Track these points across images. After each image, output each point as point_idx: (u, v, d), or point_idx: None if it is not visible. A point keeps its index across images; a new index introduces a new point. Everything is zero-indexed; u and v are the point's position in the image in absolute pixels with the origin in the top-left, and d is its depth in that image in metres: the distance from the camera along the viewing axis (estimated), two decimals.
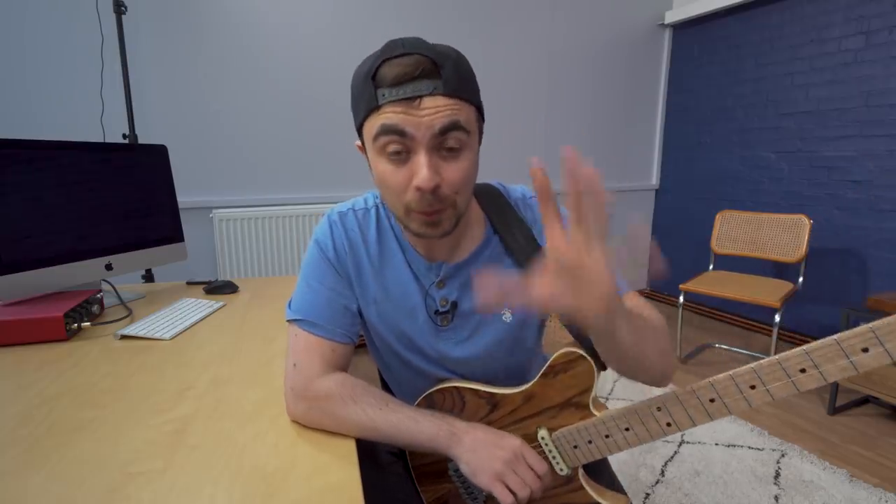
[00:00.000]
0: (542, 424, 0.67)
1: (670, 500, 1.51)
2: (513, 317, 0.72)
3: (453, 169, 0.58)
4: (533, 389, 0.68)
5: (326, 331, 0.68)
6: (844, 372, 0.47)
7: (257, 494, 0.52)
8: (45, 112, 1.93)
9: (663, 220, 3.53)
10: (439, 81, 0.54)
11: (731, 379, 0.52)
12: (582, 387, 0.64)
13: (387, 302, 0.72)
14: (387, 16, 2.48)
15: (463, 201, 0.61)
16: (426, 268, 0.71)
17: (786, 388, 0.50)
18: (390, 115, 0.55)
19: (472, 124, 0.59)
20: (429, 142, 0.55)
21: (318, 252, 0.71)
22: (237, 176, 2.32)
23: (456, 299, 0.71)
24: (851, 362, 0.46)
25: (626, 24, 3.16)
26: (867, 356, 0.45)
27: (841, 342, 0.46)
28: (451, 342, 0.73)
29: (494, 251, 0.72)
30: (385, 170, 0.58)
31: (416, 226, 0.61)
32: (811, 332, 2.68)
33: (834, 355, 0.47)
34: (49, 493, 0.52)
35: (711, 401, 0.54)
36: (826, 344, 0.47)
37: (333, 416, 0.64)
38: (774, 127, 2.77)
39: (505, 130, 2.89)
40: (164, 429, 0.65)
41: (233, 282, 1.38)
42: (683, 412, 0.56)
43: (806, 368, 0.49)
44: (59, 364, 0.86)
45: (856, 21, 2.38)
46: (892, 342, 0.44)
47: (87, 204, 1.19)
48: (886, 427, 1.91)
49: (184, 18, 2.11)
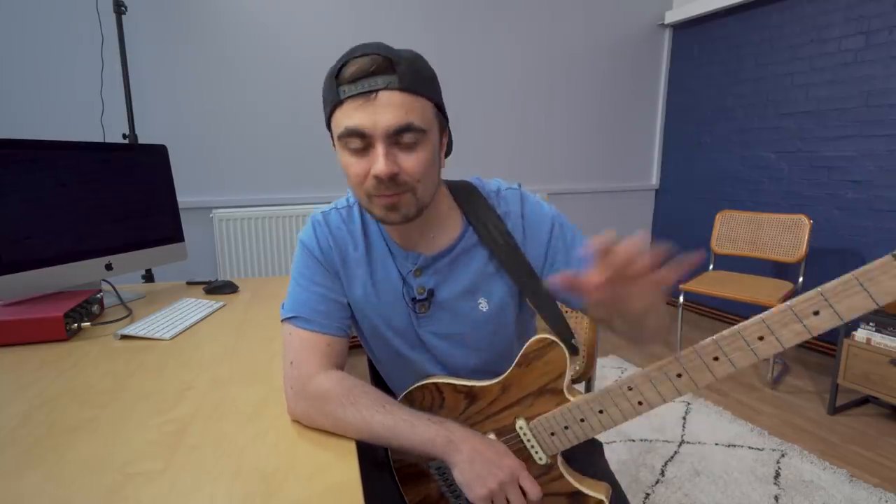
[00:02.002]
0: (520, 414, 0.68)
1: (670, 500, 1.51)
2: (489, 305, 0.74)
3: (411, 160, 0.62)
4: (509, 379, 0.69)
5: (320, 325, 0.70)
6: (799, 336, 0.49)
7: (257, 494, 0.52)
8: (45, 112, 1.93)
9: (663, 220, 3.53)
10: (394, 77, 0.59)
11: (694, 353, 0.55)
12: (555, 373, 0.66)
13: (374, 290, 0.74)
14: (386, 16, 2.48)
15: (424, 190, 0.65)
16: (404, 257, 0.74)
17: (747, 357, 0.52)
18: (350, 112, 0.60)
19: (430, 121, 0.63)
20: (385, 137, 0.60)
21: (305, 252, 0.74)
22: (237, 176, 2.32)
23: (433, 287, 0.74)
24: (805, 325, 0.49)
25: (626, 24, 3.16)
26: (818, 318, 0.48)
27: (793, 307, 0.49)
28: (430, 330, 0.75)
29: (469, 243, 0.74)
30: (348, 162, 0.63)
31: (378, 210, 0.65)
32: None
33: (788, 320, 0.49)
34: (49, 492, 0.52)
35: (678, 376, 0.56)
36: (780, 310, 0.50)
37: (331, 416, 0.64)
38: (774, 127, 2.77)
39: (505, 130, 2.89)
40: (164, 429, 0.65)
41: (233, 282, 1.38)
42: (653, 389, 0.58)
43: (763, 336, 0.51)
44: (59, 364, 0.86)
45: (856, 21, 2.38)
46: (840, 303, 0.47)
47: (87, 204, 1.19)
48: (886, 427, 1.91)
49: (184, 18, 2.11)
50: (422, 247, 0.73)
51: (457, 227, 0.75)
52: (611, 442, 1.82)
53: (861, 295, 0.46)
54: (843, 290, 0.46)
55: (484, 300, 0.74)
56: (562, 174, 3.17)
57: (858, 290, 0.46)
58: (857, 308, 0.46)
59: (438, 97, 0.65)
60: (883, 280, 0.44)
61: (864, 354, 1.90)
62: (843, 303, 0.46)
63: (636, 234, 0.49)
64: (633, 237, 0.48)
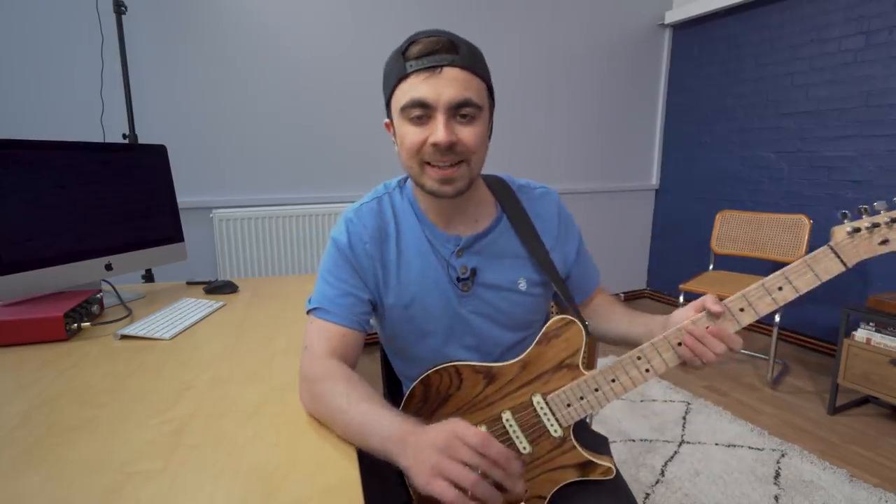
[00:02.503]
0: (537, 390, 0.72)
1: (670, 500, 1.51)
2: (527, 285, 0.80)
3: (468, 132, 0.67)
4: (529, 357, 0.73)
5: (337, 316, 0.74)
6: (769, 307, 0.65)
7: (257, 494, 0.52)
8: (45, 112, 1.93)
9: (663, 220, 3.53)
10: (457, 56, 0.66)
11: (692, 324, 0.67)
12: (573, 349, 0.72)
13: (410, 273, 0.77)
14: (386, 16, 2.48)
15: (476, 162, 0.71)
16: (444, 239, 0.78)
17: (731, 326, 0.66)
18: (415, 84, 0.65)
19: (484, 99, 0.70)
20: (446, 109, 0.65)
21: (334, 249, 0.78)
22: (237, 176, 2.32)
23: (475, 266, 0.78)
24: (772, 298, 0.65)
25: (626, 24, 3.16)
26: (781, 293, 0.64)
27: (764, 284, 0.65)
28: (471, 309, 0.79)
29: (505, 229, 0.80)
30: (408, 131, 0.68)
31: (431, 182, 0.69)
32: (811, 333, 2.68)
33: (762, 294, 0.65)
34: (48, 492, 0.52)
35: (679, 344, 0.67)
36: (754, 287, 0.65)
37: (322, 399, 0.64)
38: (774, 127, 2.77)
39: (505, 130, 2.89)
40: (164, 428, 0.65)
41: (233, 282, 1.38)
42: (658, 356, 0.68)
43: (744, 308, 0.66)
44: (59, 364, 0.86)
45: (856, 21, 2.38)
46: (797, 280, 0.64)
47: (87, 204, 1.19)
48: (886, 427, 1.91)
49: (184, 19, 2.11)
50: (461, 228, 0.78)
51: (492, 212, 0.81)
52: (611, 442, 1.82)
53: (810, 274, 0.64)
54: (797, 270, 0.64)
55: (524, 279, 0.80)
56: (562, 174, 3.17)
57: (808, 270, 0.64)
58: (806, 283, 0.64)
59: (490, 80, 0.72)
60: (823, 262, 0.64)
61: (864, 354, 1.90)
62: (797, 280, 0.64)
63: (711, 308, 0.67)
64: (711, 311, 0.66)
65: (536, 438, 0.71)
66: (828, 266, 0.63)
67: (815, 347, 2.67)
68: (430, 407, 0.74)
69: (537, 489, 0.72)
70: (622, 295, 3.61)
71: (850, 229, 0.63)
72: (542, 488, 0.71)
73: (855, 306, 1.97)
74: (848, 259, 0.63)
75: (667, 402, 2.11)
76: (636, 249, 3.61)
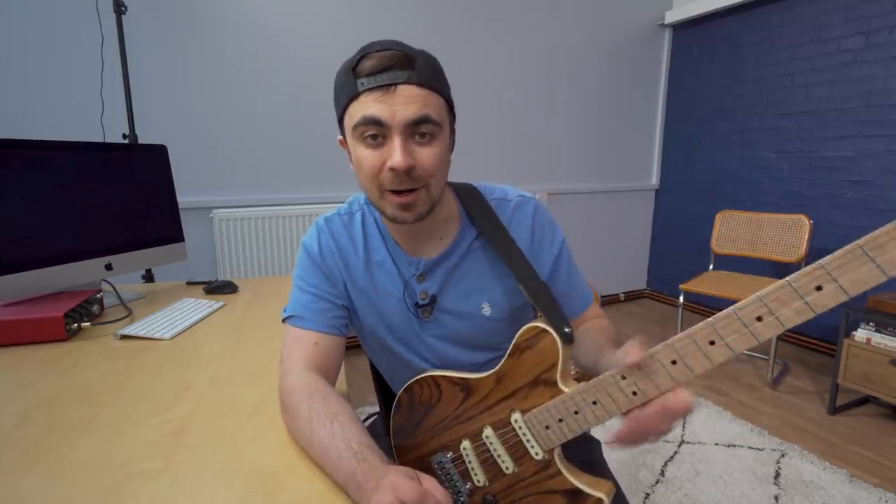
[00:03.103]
0: (516, 407, 0.66)
1: (670, 500, 1.51)
2: (491, 309, 0.75)
3: (426, 153, 0.62)
4: (502, 370, 0.67)
5: (311, 322, 0.71)
6: (801, 315, 0.45)
7: (257, 494, 0.52)
8: (45, 112, 1.93)
9: (663, 220, 3.53)
10: (413, 72, 0.60)
11: (689, 338, 0.51)
12: (548, 363, 0.64)
13: (375, 294, 0.75)
14: (386, 16, 2.48)
15: (436, 186, 0.65)
16: (407, 262, 0.74)
17: (745, 340, 0.48)
18: (368, 103, 0.60)
19: (443, 117, 0.64)
20: (403, 129, 0.60)
21: (305, 255, 0.76)
22: (237, 176, 2.32)
23: (435, 293, 0.74)
24: (807, 303, 0.44)
25: (626, 24, 3.16)
26: (821, 294, 0.44)
27: (793, 283, 0.45)
28: (432, 334, 0.76)
29: (469, 244, 0.75)
30: (363, 154, 0.63)
31: (391, 209, 0.65)
32: (811, 333, 2.68)
33: (788, 298, 0.45)
34: (48, 492, 0.52)
35: (673, 363, 0.53)
36: (779, 287, 0.46)
37: (292, 414, 0.62)
38: (774, 127, 2.77)
39: (505, 130, 2.89)
40: (164, 428, 0.65)
41: (233, 282, 1.38)
42: (647, 378, 0.55)
43: (762, 316, 0.47)
44: (59, 364, 0.86)
45: (856, 21, 2.38)
46: (844, 276, 0.42)
47: (87, 204, 1.19)
48: (886, 427, 1.91)
49: (184, 19, 2.11)
50: (426, 250, 0.74)
51: (455, 229, 0.75)
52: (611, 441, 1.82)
53: (868, 266, 0.41)
54: (848, 262, 0.42)
55: (487, 304, 0.75)
56: (562, 174, 3.17)
57: (865, 260, 0.41)
58: (864, 281, 0.41)
59: (450, 95, 0.67)
60: (892, 248, 0.39)
61: (864, 354, 1.90)
62: (847, 276, 0.42)
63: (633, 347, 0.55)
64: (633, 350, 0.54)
65: (520, 458, 0.66)
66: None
67: (815, 347, 2.67)
68: (416, 417, 0.74)
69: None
70: (622, 295, 3.62)
71: None
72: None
73: (855, 306, 1.97)
74: None
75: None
76: (636, 249, 3.61)
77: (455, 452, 0.71)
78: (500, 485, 0.69)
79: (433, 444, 0.73)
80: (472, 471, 0.70)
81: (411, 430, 0.75)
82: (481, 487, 0.70)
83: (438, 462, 0.73)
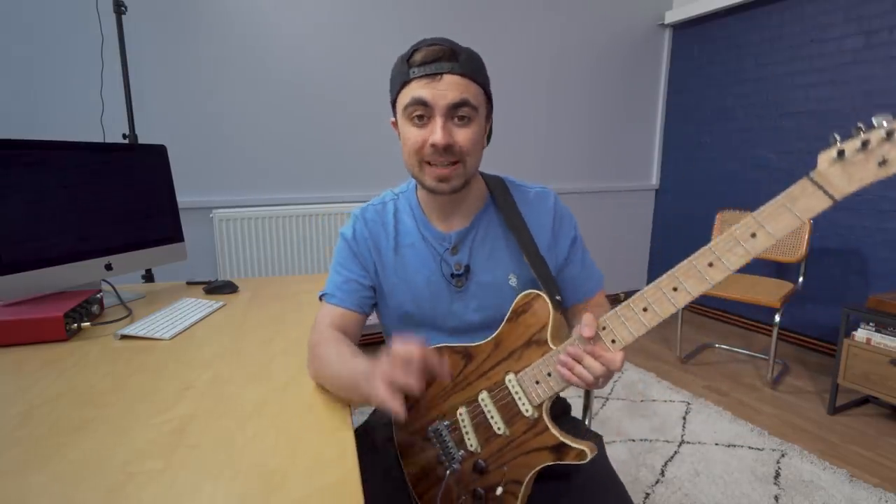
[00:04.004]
0: (511, 368, 0.72)
1: (670, 500, 1.51)
2: (517, 281, 0.82)
3: (463, 133, 0.73)
4: (500, 335, 0.75)
5: (339, 299, 0.83)
6: (742, 259, 0.56)
7: (257, 493, 0.52)
8: (45, 112, 1.93)
9: (663, 220, 3.53)
10: (457, 63, 0.71)
11: (657, 287, 0.62)
12: (540, 324, 0.71)
13: (405, 273, 0.84)
14: (386, 16, 2.48)
15: (471, 163, 0.75)
16: (441, 237, 0.83)
17: (700, 284, 0.59)
18: (417, 88, 0.71)
19: (481, 103, 0.75)
20: (445, 111, 0.71)
21: (342, 241, 0.87)
22: (237, 176, 2.32)
23: (468, 262, 0.83)
24: (745, 248, 0.55)
25: (626, 24, 3.16)
26: (755, 240, 0.55)
27: (733, 233, 0.56)
28: (465, 306, 0.83)
29: (491, 218, 0.85)
30: (409, 132, 0.74)
31: (429, 180, 0.75)
32: (811, 333, 2.68)
33: (731, 245, 0.56)
34: (50, 492, 0.52)
35: (644, 310, 0.62)
36: (724, 238, 0.57)
37: (319, 358, 0.75)
38: (774, 127, 2.77)
39: (505, 130, 2.89)
40: (164, 428, 0.65)
41: (233, 282, 1.39)
42: (623, 326, 0.63)
43: (713, 262, 0.58)
44: (59, 364, 0.86)
45: (856, 21, 2.38)
46: (771, 224, 0.54)
47: (87, 204, 1.19)
48: (886, 427, 1.91)
49: (184, 18, 2.11)
50: (457, 225, 0.83)
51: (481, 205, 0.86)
52: (611, 442, 1.82)
53: (788, 215, 0.53)
54: (772, 213, 0.54)
55: (514, 276, 0.83)
56: (562, 174, 3.17)
57: (785, 211, 0.53)
58: (785, 227, 0.54)
59: (488, 86, 0.77)
60: (802, 198, 0.52)
61: (864, 354, 1.90)
62: (772, 224, 0.54)
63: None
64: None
65: (511, 419, 0.71)
66: (809, 203, 0.52)
67: (815, 347, 2.67)
68: None
69: (513, 473, 0.71)
70: (622, 295, 3.62)
71: (835, 154, 0.50)
72: (518, 473, 0.71)
73: (855, 306, 1.97)
74: (835, 190, 0.50)
75: (667, 402, 2.11)
76: (636, 249, 3.61)
77: (452, 419, 0.76)
78: (490, 449, 0.73)
79: (433, 413, 0.78)
80: (466, 436, 0.74)
81: (413, 400, 0.78)
82: (473, 453, 0.74)
83: (435, 430, 0.76)
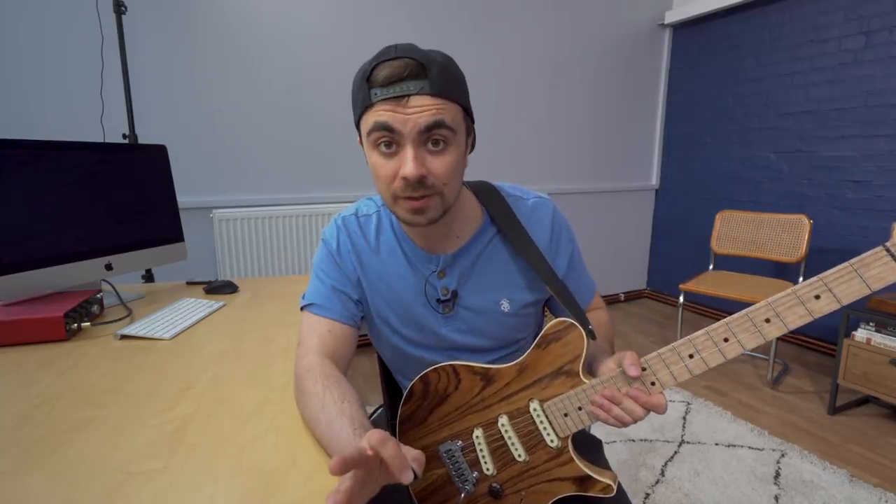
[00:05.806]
0: (534, 396, 0.69)
1: (670, 500, 1.51)
2: (510, 305, 0.77)
3: (439, 162, 0.63)
4: (526, 361, 0.70)
5: (327, 310, 0.75)
6: (802, 319, 0.54)
7: (257, 494, 0.52)
8: (45, 112, 1.93)
9: (663, 220, 3.53)
10: (426, 82, 0.60)
11: (706, 335, 0.59)
12: (572, 354, 0.67)
13: (389, 293, 0.78)
14: (386, 16, 2.48)
15: (450, 192, 0.66)
16: (426, 259, 0.76)
17: (754, 338, 0.56)
18: (381, 112, 0.61)
19: (458, 123, 0.64)
20: (415, 137, 0.61)
21: (324, 248, 0.80)
22: (237, 176, 2.32)
23: (456, 288, 0.76)
24: (807, 308, 0.54)
25: (626, 24, 3.16)
26: (819, 302, 0.53)
27: (797, 292, 0.54)
28: (453, 329, 0.78)
29: (492, 240, 0.77)
30: (377, 162, 0.64)
31: (403, 213, 0.67)
32: (811, 333, 2.68)
33: (792, 304, 0.54)
34: (49, 492, 0.52)
35: (690, 356, 0.60)
36: (784, 295, 0.54)
37: (306, 391, 0.64)
38: (774, 127, 2.77)
39: (505, 131, 2.89)
40: (164, 428, 0.65)
41: (233, 282, 1.38)
42: (666, 370, 0.61)
43: (770, 318, 0.55)
44: (59, 364, 0.86)
45: (856, 21, 2.38)
46: (837, 288, 0.52)
47: (87, 204, 1.18)
48: (886, 427, 1.91)
49: (184, 18, 2.11)
50: (443, 247, 0.76)
51: (476, 225, 0.77)
52: (611, 442, 1.82)
53: (856, 281, 0.51)
54: (841, 277, 0.52)
55: (506, 300, 0.77)
56: (562, 174, 3.17)
57: (854, 276, 0.51)
58: (853, 293, 0.51)
59: (467, 100, 0.66)
60: (875, 267, 0.50)
61: (864, 354, 1.90)
62: (840, 288, 0.52)
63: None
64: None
65: (533, 447, 0.69)
66: (882, 273, 0.49)
67: (815, 347, 2.67)
68: (430, 405, 0.75)
69: (532, 499, 0.70)
70: (622, 295, 3.62)
71: None
72: (537, 499, 0.70)
73: (855, 306, 1.97)
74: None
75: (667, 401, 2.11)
76: (636, 249, 3.61)
77: (466, 441, 0.73)
78: (508, 473, 0.71)
79: (444, 433, 0.74)
80: (482, 459, 0.72)
81: (422, 418, 0.76)
82: (489, 476, 0.72)
83: (447, 450, 0.74)
